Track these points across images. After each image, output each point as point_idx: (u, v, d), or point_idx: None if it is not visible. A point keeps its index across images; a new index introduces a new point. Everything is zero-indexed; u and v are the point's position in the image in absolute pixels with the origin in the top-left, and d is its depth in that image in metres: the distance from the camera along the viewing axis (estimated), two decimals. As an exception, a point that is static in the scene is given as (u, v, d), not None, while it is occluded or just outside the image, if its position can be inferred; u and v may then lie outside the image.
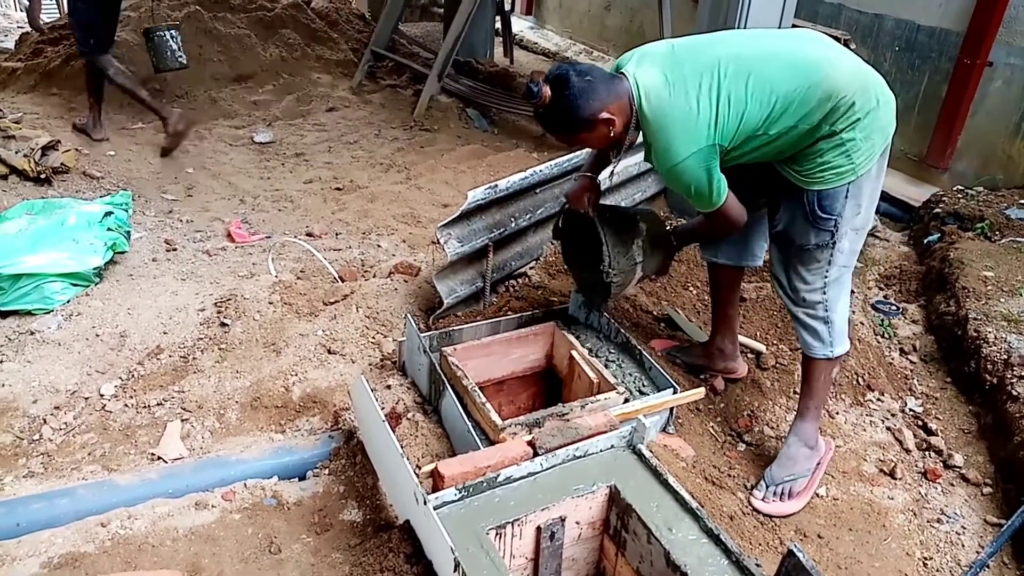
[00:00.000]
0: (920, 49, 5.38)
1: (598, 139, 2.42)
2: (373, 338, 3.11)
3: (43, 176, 4.21)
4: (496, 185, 3.28)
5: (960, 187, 4.98)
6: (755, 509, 2.67)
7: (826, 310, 2.59)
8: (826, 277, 2.54)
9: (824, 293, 2.57)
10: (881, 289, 4.17)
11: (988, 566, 2.56)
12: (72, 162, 4.42)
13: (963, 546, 2.65)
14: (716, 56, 2.34)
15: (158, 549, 2.20)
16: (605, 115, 2.31)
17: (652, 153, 2.41)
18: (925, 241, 4.49)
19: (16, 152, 4.19)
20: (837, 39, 4.70)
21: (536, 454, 2.20)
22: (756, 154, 2.41)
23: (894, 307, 3.94)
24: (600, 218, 2.74)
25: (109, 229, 3.55)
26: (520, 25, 10.30)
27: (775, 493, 2.69)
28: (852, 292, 4.03)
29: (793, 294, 2.61)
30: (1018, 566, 2.57)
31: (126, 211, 3.87)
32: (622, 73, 2.38)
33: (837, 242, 2.49)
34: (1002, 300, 3.58)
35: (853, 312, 3.80)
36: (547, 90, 2.28)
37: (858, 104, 2.30)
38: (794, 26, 4.71)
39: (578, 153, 3.80)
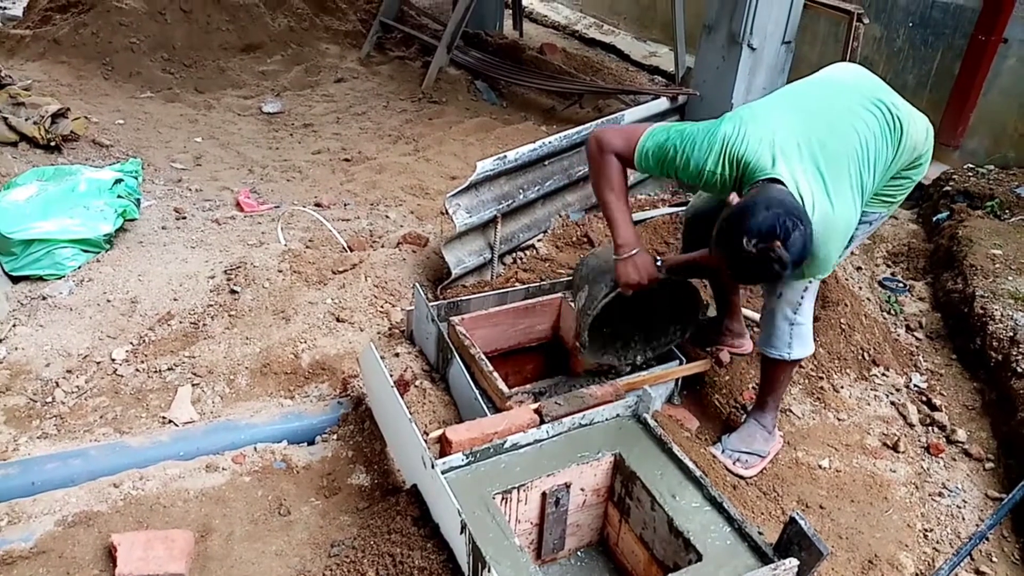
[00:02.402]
0: (934, 25, 5.32)
1: None
2: (381, 307, 3.13)
3: (53, 143, 4.22)
4: (505, 156, 3.28)
5: (971, 165, 4.94)
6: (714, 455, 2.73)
7: (795, 311, 2.54)
8: (810, 282, 2.52)
9: (802, 296, 2.52)
10: (889, 266, 4.16)
11: (987, 539, 2.59)
12: (82, 130, 4.42)
13: (963, 519, 2.68)
14: (849, 144, 2.26)
15: (169, 510, 2.24)
16: None
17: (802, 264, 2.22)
18: (934, 219, 4.47)
19: (26, 119, 4.19)
20: (849, 12, 4.68)
21: (542, 422, 2.23)
22: None
23: (901, 284, 3.94)
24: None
25: (119, 196, 3.57)
26: (530, -2, 10.18)
27: (730, 458, 2.73)
28: (859, 268, 4.04)
29: (771, 286, 2.58)
30: (1017, 539, 2.60)
31: (136, 179, 3.89)
32: (777, 180, 2.16)
33: (839, 258, 2.49)
34: (1010, 278, 3.58)
35: (860, 289, 3.81)
36: (788, 257, 2.04)
37: (928, 152, 2.49)
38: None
39: (587, 125, 3.79)
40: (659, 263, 2.53)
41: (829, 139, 2.24)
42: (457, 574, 1.88)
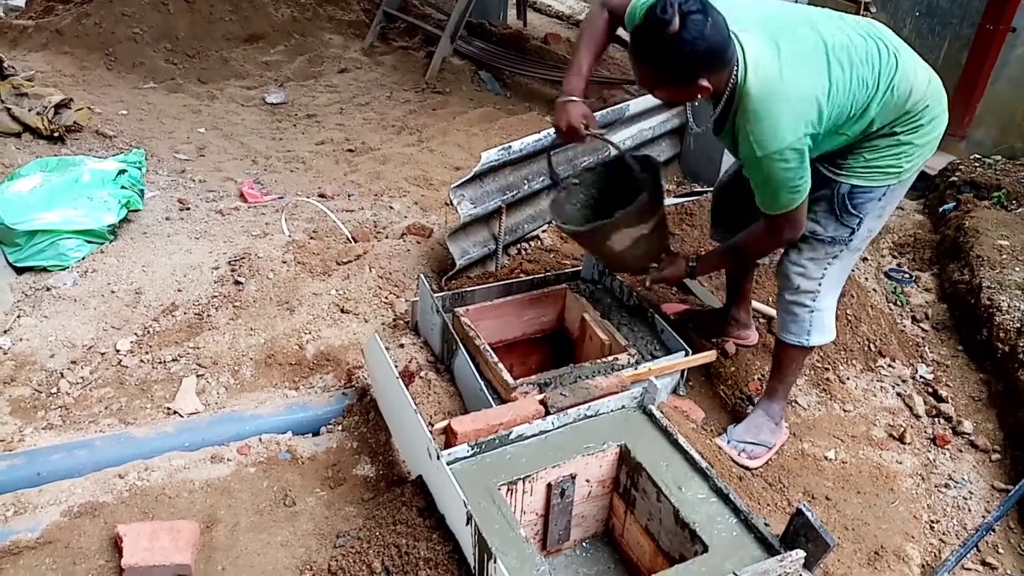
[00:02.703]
0: (941, 14, 5.28)
1: (678, 96, 2.20)
2: (386, 298, 3.13)
3: (56, 134, 4.21)
4: (510, 146, 3.27)
5: (977, 156, 4.92)
6: (719, 446, 2.72)
7: (813, 300, 2.52)
8: (826, 269, 2.48)
9: (819, 284, 2.50)
10: (895, 257, 4.15)
11: (994, 530, 2.58)
12: (85, 120, 4.41)
13: (970, 511, 2.67)
14: (820, 36, 2.15)
15: (175, 500, 2.24)
16: (706, 82, 2.06)
17: (746, 135, 2.13)
18: (940, 209, 4.45)
19: (29, 110, 4.18)
20: (857, 1, 4.64)
21: (548, 413, 2.22)
22: (815, 151, 2.22)
23: (907, 275, 3.92)
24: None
25: (123, 187, 3.56)
26: (534, -13, 10.14)
27: (735, 449, 2.72)
28: (865, 259, 4.01)
29: (785, 279, 2.54)
30: (1024, 531, 2.60)
31: (139, 170, 3.88)
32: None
33: (852, 240, 2.44)
34: (1017, 269, 3.56)
35: (866, 280, 3.79)
36: (677, 22, 1.95)
37: (930, 109, 2.26)
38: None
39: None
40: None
41: (798, 28, 2.17)
42: (463, 565, 1.88)
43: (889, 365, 3.24)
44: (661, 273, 2.70)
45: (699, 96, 2.13)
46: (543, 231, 3.67)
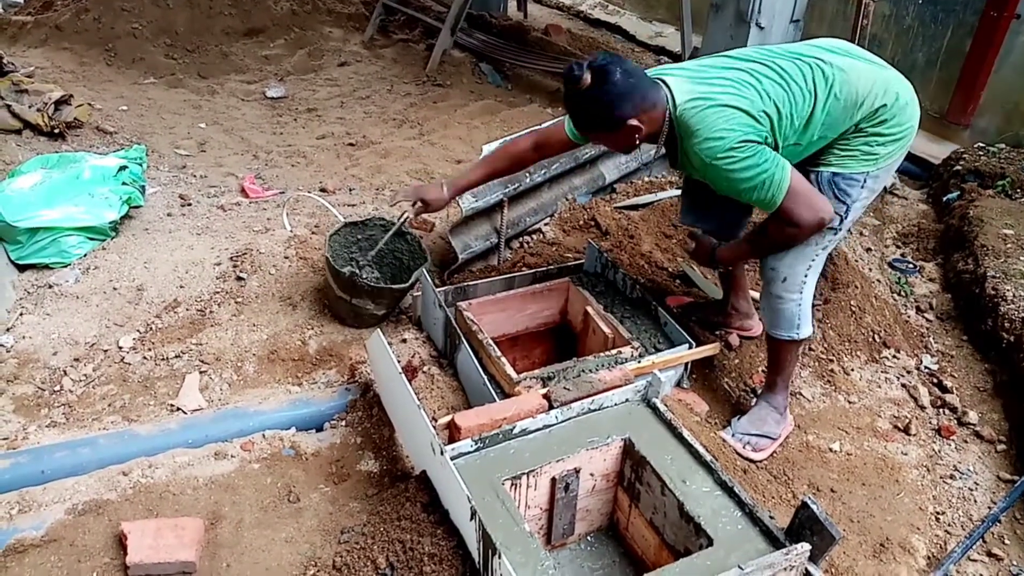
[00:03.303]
0: (944, 2, 5.25)
1: (618, 142, 2.36)
2: (388, 293, 3.12)
3: (57, 131, 4.20)
4: (510, 139, 3.25)
5: (981, 144, 4.90)
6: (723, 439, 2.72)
7: (800, 292, 2.52)
8: (812, 261, 2.49)
9: (805, 276, 2.51)
10: (899, 247, 4.13)
11: (999, 521, 2.58)
12: (85, 117, 4.40)
13: (975, 502, 2.66)
14: (747, 71, 2.31)
15: (179, 497, 2.24)
16: (634, 122, 2.23)
17: (693, 149, 2.26)
18: (944, 199, 4.43)
19: (29, 106, 4.17)
20: (859, -9, 4.61)
21: (551, 407, 2.22)
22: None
23: (911, 265, 3.91)
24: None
25: (124, 183, 3.55)
26: (534, -22, 10.08)
27: (739, 442, 2.72)
28: (869, 250, 4.00)
29: (773, 272, 2.53)
30: (1030, 521, 2.59)
31: (140, 166, 3.87)
32: (659, 80, 2.32)
33: (840, 230, 2.45)
34: (1021, 258, 3.54)
35: (870, 270, 3.77)
36: (588, 77, 2.17)
37: (887, 105, 2.33)
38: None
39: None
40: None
41: (723, 68, 2.34)
42: (467, 560, 1.88)
43: (894, 356, 3.23)
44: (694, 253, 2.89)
45: (636, 136, 2.29)
46: (545, 224, 3.66)
